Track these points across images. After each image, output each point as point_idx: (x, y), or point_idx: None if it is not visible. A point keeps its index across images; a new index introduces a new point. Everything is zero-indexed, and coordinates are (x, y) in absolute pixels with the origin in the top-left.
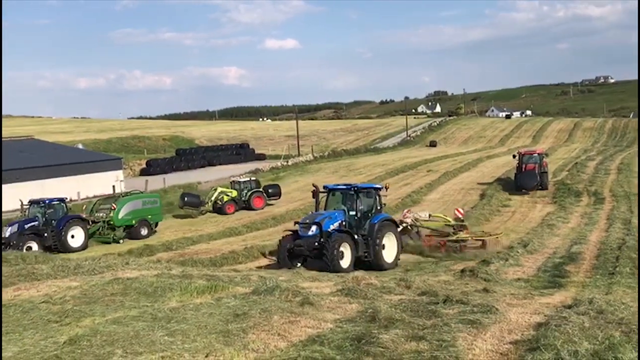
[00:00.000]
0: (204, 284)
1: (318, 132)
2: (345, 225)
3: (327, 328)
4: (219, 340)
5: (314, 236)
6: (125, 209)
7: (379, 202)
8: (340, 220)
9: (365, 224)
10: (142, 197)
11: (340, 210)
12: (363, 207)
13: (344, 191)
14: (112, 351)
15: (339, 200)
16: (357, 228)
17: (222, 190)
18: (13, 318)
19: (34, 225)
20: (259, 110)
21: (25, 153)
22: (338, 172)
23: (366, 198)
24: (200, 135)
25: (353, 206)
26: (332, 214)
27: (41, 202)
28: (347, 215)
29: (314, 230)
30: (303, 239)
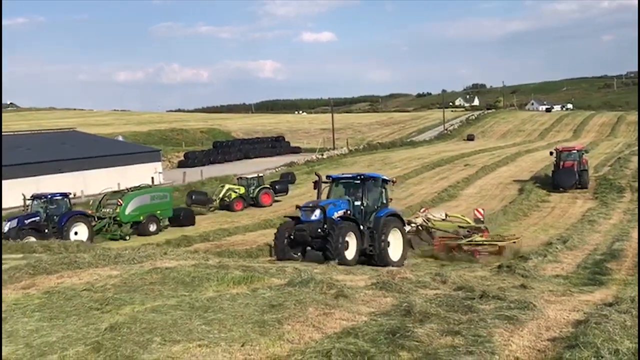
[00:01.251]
0: (240, 275)
1: (353, 125)
2: (351, 215)
3: (361, 321)
4: (255, 330)
5: (318, 222)
6: (132, 205)
7: (385, 195)
8: (345, 210)
9: (370, 217)
10: (150, 192)
11: (345, 200)
12: (369, 198)
13: (349, 181)
14: (151, 339)
15: (343, 192)
16: (362, 220)
17: (229, 187)
18: (57, 304)
19: (35, 221)
20: (295, 104)
21: (67, 145)
22: (373, 165)
23: (373, 189)
24: (237, 128)
25: (358, 197)
26: (337, 201)
27: (43, 197)
28: (352, 206)
29: (317, 214)
30: (305, 224)
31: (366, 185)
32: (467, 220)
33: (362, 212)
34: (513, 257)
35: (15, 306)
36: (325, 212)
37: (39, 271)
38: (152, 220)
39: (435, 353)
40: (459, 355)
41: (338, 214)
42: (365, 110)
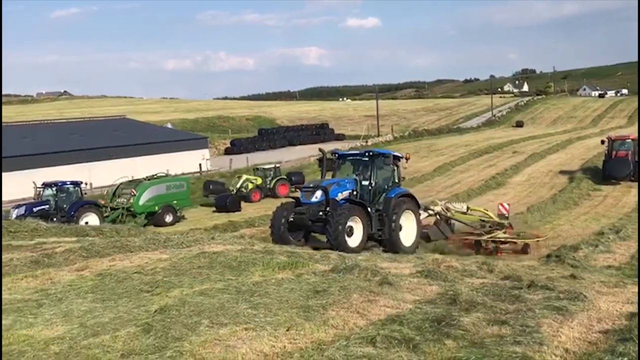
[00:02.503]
0: (285, 260)
1: (399, 111)
2: (357, 196)
3: (406, 308)
4: (300, 315)
5: (319, 203)
6: (146, 195)
7: (397, 174)
8: (351, 190)
9: (379, 198)
10: (166, 182)
11: (352, 179)
12: (379, 177)
13: (357, 158)
14: (199, 321)
15: (350, 171)
16: (370, 202)
17: (246, 178)
18: (109, 287)
19: (44, 209)
20: (339, 90)
21: (118, 132)
22: (419, 152)
23: (383, 167)
24: (282, 115)
25: (367, 175)
26: (342, 180)
27: (53, 185)
28: (359, 186)
29: (318, 196)
30: (305, 206)
31: (375, 162)
32: (490, 215)
33: (371, 192)
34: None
35: (70, 287)
36: (327, 193)
37: (92, 254)
38: (168, 211)
39: (482, 342)
40: (506, 345)
41: (343, 195)
42: (411, 96)
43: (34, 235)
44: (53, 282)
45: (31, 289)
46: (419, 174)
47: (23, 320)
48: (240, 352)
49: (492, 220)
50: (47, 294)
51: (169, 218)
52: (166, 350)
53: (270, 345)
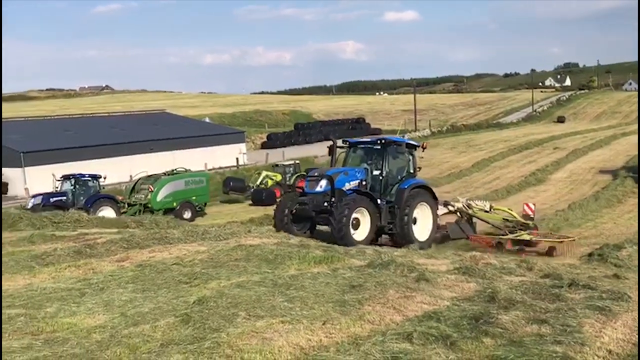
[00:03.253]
0: (321, 255)
1: (437, 106)
2: (367, 187)
3: (443, 305)
4: (336, 309)
5: (323, 193)
6: (164, 191)
7: (413, 163)
8: (360, 180)
9: (392, 190)
10: (185, 177)
11: (362, 169)
12: (391, 167)
13: (369, 146)
14: (236, 313)
15: (361, 160)
16: (381, 193)
17: (266, 174)
18: (149, 277)
19: (60, 200)
20: (376, 85)
21: (158, 126)
22: (457, 147)
23: (397, 157)
24: (318, 109)
25: (378, 165)
26: (351, 169)
27: (72, 177)
28: (370, 176)
29: (323, 185)
30: (309, 196)
31: (387, 151)
32: (515, 215)
33: (382, 183)
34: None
35: (111, 277)
36: (332, 182)
37: (132, 245)
38: (187, 207)
39: (521, 341)
40: (546, 345)
41: (350, 185)
42: (449, 90)
43: (77, 226)
44: (95, 272)
45: (74, 279)
46: (457, 169)
47: (67, 308)
48: (276, 344)
49: (516, 220)
50: (89, 283)
51: (187, 214)
52: (204, 341)
53: (306, 339)
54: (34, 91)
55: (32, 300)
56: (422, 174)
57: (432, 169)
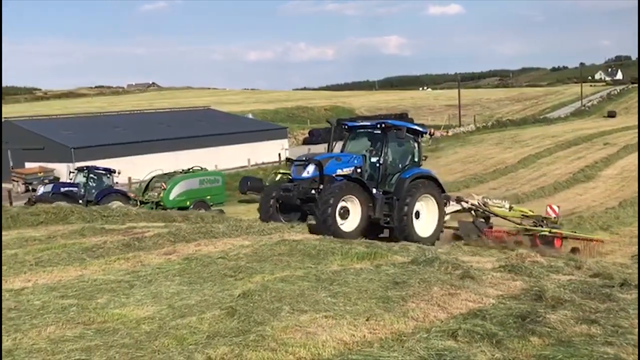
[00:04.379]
0: (364, 251)
1: (481, 101)
2: (363, 175)
3: (489, 303)
4: (379, 305)
5: (310, 180)
6: (177, 189)
7: (418, 152)
8: (355, 167)
9: (392, 179)
10: (199, 176)
11: (359, 155)
12: (392, 155)
13: (369, 130)
14: (280, 307)
15: (361, 146)
16: (379, 182)
17: (283, 173)
18: (195, 270)
19: (71, 191)
20: (419, 79)
21: (202, 122)
22: (502, 143)
23: (399, 143)
24: (360, 105)
25: (378, 151)
26: (345, 155)
27: (85, 169)
28: (368, 163)
29: (310, 171)
30: (295, 183)
31: (388, 136)
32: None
33: (379, 171)
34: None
35: (159, 270)
36: (321, 168)
37: (178, 239)
38: (200, 206)
39: (570, 341)
40: (597, 345)
41: (343, 172)
42: (495, 85)
43: (125, 219)
44: (143, 264)
45: (123, 271)
46: (502, 165)
47: (116, 300)
48: (320, 339)
49: (536, 215)
50: (137, 275)
51: None
52: (249, 334)
53: (350, 334)
54: (83, 88)
55: (83, 291)
56: (467, 169)
57: (476, 165)
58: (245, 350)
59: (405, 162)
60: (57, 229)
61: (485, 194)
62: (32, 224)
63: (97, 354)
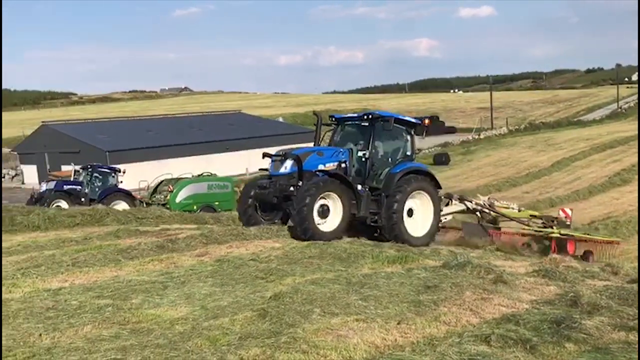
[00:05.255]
0: (395, 254)
1: (514, 103)
2: (348, 170)
3: (522, 308)
4: (410, 309)
5: (288, 175)
6: (184, 193)
7: (411, 145)
8: (339, 162)
9: (381, 174)
10: (208, 181)
11: (345, 149)
12: (381, 148)
13: (356, 122)
14: (312, 309)
15: (349, 139)
16: (366, 177)
17: None
18: (227, 272)
19: (74, 189)
20: (450, 82)
21: (233, 126)
22: (535, 146)
23: (389, 136)
24: (390, 108)
25: (365, 145)
26: (328, 149)
27: (89, 168)
28: (355, 158)
29: (288, 167)
30: (272, 179)
31: (376, 128)
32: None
33: (366, 166)
34: None
35: (192, 271)
36: (300, 163)
37: (211, 240)
38: (207, 211)
39: (607, 348)
40: (635, 353)
41: (326, 167)
42: (527, 87)
43: (159, 221)
44: (176, 265)
45: (157, 272)
46: (535, 169)
47: (151, 300)
48: (351, 342)
49: (546, 216)
50: (171, 276)
51: None
52: (281, 336)
53: (381, 338)
54: (117, 93)
55: (118, 291)
56: (499, 173)
57: (509, 169)
58: (277, 352)
59: (397, 156)
60: (92, 230)
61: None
62: (69, 225)
63: (132, 353)
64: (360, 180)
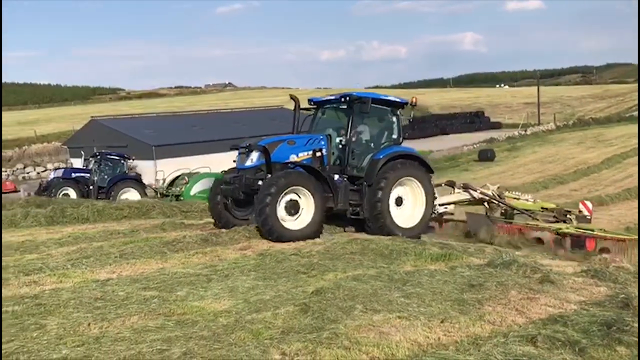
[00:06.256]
0: (438, 252)
1: (562, 98)
2: (329, 159)
3: (570, 309)
4: (454, 308)
5: (255, 169)
6: (199, 185)
7: (397, 128)
8: (314, 150)
9: (363, 161)
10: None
11: (323, 136)
12: (365, 132)
13: (334, 105)
14: (353, 306)
15: (329, 124)
16: (346, 166)
17: None
18: (269, 266)
19: (83, 176)
20: (496, 77)
21: (275, 121)
22: (584, 142)
23: (372, 119)
24: (433, 103)
25: (344, 130)
26: (300, 137)
27: (98, 155)
28: (334, 145)
29: (254, 159)
30: (240, 173)
31: (355, 110)
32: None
33: (347, 152)
34: None
35: (235, 265)
36: (268, 154)
37: (253, 235)
38: None
39: None
40: None
41: (299, 158)
42: (576, 82)
43: (203, 215)
44: (220, 259)
45: (201, 265)
46: (584, 165)
47: (195, 293)
48: (394, 339)
49: (558, 209)
50: (215, 270)
51: None
52: (323, 331)
53: (424, 336)
54: (164, 89)
55: (164, 283)
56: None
57: (556, 165)
58: (319, 347)
59: (381, 140)
60: (139, 223)
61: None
62: (117, 218)
63: (177, 344)
64: (340, 169)
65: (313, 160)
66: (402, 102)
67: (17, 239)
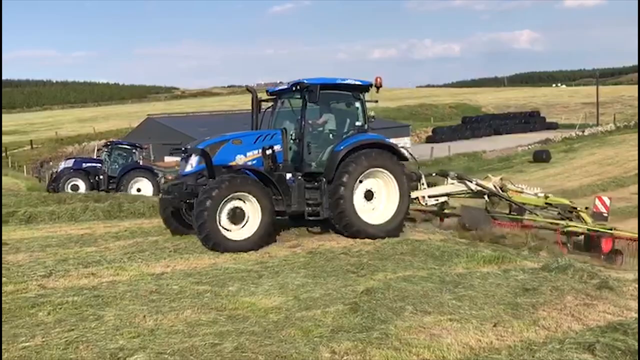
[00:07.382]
0: (491, 254)
1: (623, 98)
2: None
3: (631, 317)
4: (507, 312)
5: (196, 175)
6: None
7: (361, 113)
8: (264, 148)
9: (322, 154)
10: None
11: (277, 131)
12: (327, 123)
13: (288, 95)
14: (403, 307)
15: (287, 117)
16: (300, 163)
17: None
18: (318, 264)
19: (94, 167)
20: (553, 75)
21: None
22: None
23: (329, 107)
24: (487, 102)
25: (298, 122)
26: (248, 135)
27: (109, 145)
28: (289, 140)
29: (193, 164)
30: (181, 179)
31: (306, 99)
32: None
33: (301, 147)
34: None
35: (285, 262)
36: (208, 157)
37: (303, 233)
38: None
39: None
40: None
41: (247, 158)
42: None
43: None
44: (271, 256)
45: (252, 261)
46: None
47: (246, 288)
48: (445, 342)
49: (563, 204)
50: (265, 266)
51: None
52: (372, 331)
53: (476, 339)
54: (217, 88)
55: (216, 278)
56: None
57: (615, 168)
58: (368, 347)
59: (343, 129)
60: None
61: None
62: None
63: (228, 339)
64: (296, 166)
65: (263, 159)
66: (365, 84)
67: (76, 232)
